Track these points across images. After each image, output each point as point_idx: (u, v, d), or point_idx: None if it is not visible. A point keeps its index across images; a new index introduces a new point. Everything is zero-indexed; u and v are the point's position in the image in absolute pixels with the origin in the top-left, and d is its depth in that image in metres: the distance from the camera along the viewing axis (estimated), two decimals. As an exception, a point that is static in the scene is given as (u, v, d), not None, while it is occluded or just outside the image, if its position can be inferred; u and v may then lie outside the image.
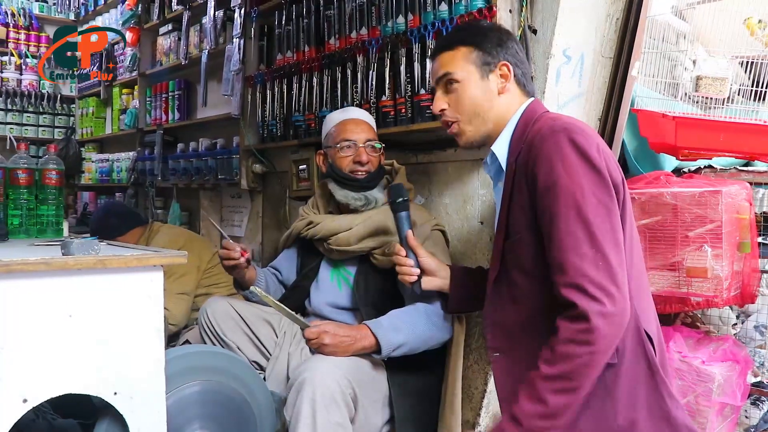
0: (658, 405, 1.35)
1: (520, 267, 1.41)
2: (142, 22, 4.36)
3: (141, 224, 3.03)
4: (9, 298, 1.32)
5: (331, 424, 1.66)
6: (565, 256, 1.27)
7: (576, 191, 1.29)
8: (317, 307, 2.10)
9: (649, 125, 2.05)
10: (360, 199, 2.03)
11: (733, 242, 2.07)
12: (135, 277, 1.46)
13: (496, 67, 1.51)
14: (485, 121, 1.51)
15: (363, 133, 2.09)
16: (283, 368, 1.99)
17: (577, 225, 1.27)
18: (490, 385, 2.10)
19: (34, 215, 2.27)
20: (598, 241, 1.27)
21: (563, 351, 1.25)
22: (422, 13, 2.22)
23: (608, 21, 2.11)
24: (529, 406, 1.27)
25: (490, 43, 1.51)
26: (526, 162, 1.38)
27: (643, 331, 1.37)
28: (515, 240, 1.41)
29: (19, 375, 1.32)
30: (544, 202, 1.33)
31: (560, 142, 1.32)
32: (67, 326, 1.37)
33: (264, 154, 3.16)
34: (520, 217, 1.39)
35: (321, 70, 2.67)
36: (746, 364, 2.24)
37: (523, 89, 1.53)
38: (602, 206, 1.29)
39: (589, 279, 1.25)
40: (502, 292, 1.46)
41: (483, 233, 2.15)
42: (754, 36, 1.95)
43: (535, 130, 1.41)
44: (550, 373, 1.26)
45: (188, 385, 1.70)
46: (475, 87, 1.51)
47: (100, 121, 5.23)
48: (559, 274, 1.29)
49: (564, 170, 1.30)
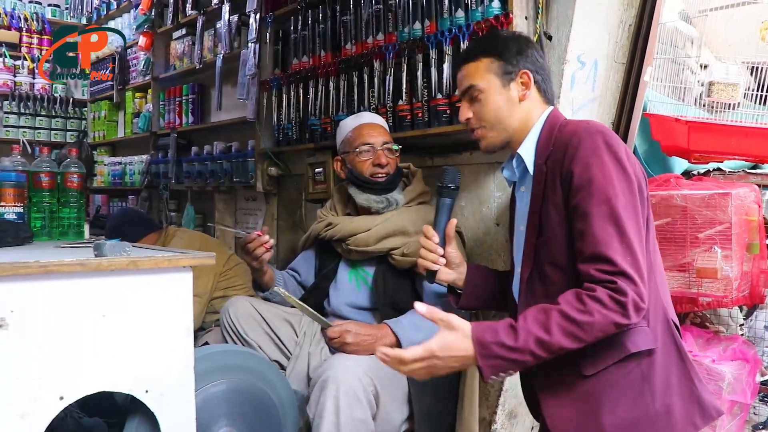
0: (689, 389, 1.41)
1: (553, 263, 1.45)
2: (155, 27, 4.41)
3: (156, 230, 3.08)
4: (46, 298, 1.35)
5: (354, 420, 1.71)
6: (599, 249, 1.32)
7: (609, 190, 1.35)
8: (336, 308, 2.14)
9: (661, 129, 2.09)
10: (381, 202, 2.08)
11: (742, 243, 2.11)
12: (165, 278, 1.50)
13: (516, 76, 1.55)
14: (507, 127, 1.56)
15: (380, 136, 2.14)
16: (303, 367, 2.04)
17: (610, 221, 1.33)
18: (506, 384, 2.14)
19: (56, 218, 2.31)
20: (628, 238, 1.32)
21: (591, 305, 1.29)
22: (439, 19, 2.27)
23: (621, 27, 2.16)
24: (535, 328, 1.30)
25: (510, 53, 1.56)
26: (561, 161, 1.43)
27: (671, 320, 1.44)
28: (549, 237, 1.45)
29: (56, 373, 1.36)
30: (577, 198, 1.38)
31: (596, 143, 1.38)
32: (100, 325, 1.41)
33: (279, 158, 3.21)
34: (554, 215, 1.44)
35: (337, 74, 2.72)
36: (755, 363, 2.27)
37: (543, 95, 1.58)
38: (630, 206, 1.36)
39: (622, 269, 1.30)
40: (536, 289, 1.50)
41: (499, 235, 2.20)
42: (765, 41, 2.00)
43: (569, 130, 1.46)
44: (569, 315, 1.29)
45: (215, 383, 1.74)
46: (498, 96, 1.55)
47: (113, 125, 5.28)
48: (592, 263, 1.33)
49: (599, 169, 1.36)
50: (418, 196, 2.18)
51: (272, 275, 2.17)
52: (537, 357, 1.31)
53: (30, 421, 1.33)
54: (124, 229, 2.97)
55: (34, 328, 1.33)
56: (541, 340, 1.29)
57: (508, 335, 1.31)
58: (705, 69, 2.32)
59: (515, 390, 2.18)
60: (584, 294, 1.31)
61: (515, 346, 1.30)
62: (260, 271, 2.11)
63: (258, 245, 2.01)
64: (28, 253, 1.59)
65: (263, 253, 2.02)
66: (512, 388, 2.17)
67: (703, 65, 2.30)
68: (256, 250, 2.02)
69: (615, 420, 1.38)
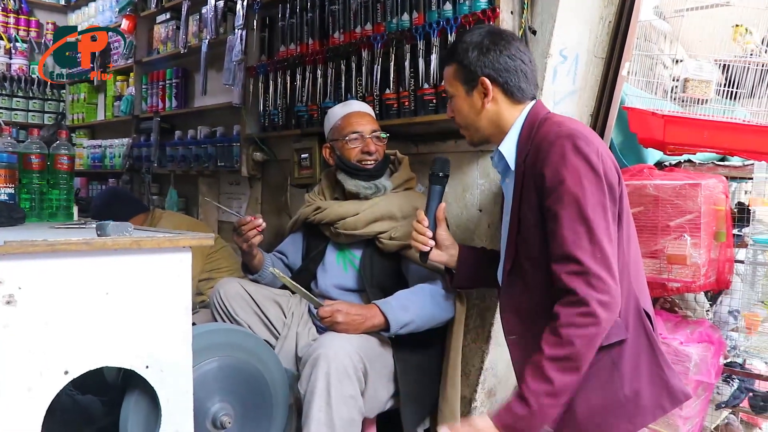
0: (658, 375, 1.51)
1: (530, 258, 1.54)
2: (138, 10, 4.39)
3: (144, 211, 3.10)
4: (52, 276, 1.39)
5: (344, 396, 1.79)
6: (568, 249, 1.40)
7: (578, 192, 1.42)
8: (324, 289, 2.21)
9: (638, 122, 2.18)
10: (370, 188, 2.15)
11: (710, 232, 2.21)
12: (166, 258, 1.54)
13: (477, 84, 1.61)
14: (477, 129, 1.66)
15: (368, 124, 2.20)
16: (291, 347, 2.11)
17: (579, 222, 1.41)
18: (486, 363, 2.24)
19: (45, 199, 2.32)
20: (597, 237, 1.40)
21: (566, 334, 1.38)
22: (427, 11, 2.33)
23: (601, 23, 2.24)
24: (536, 385, 1.38)
25: (470, 60, 1.60)
26: (534, 164, 1.50)
27: (642, 309, 1.53)
28: (525, 235, 1.54)
29: (61, 349, 1.40)
30: (549, 201, 1.46)
31: (565, 147, 1.45)
32: (104, 303, 1.45)
33: (265, 143, 3.26)
34: (529, 215, 1.52)
35: (325, 62, 2.76)
36: (720, 346, 2.39)
37: (511, 96, 1.61)
38: (600, 206, 1.43)
39: (589, 270, 1.39)
40: (515, 281, 1.59)
41: (481, 220, 2.28)
42: (735, 41, 2.10)
43: (542, 134, 1.52)
44: (555, 355, 1.38)
45: (209, 360, 1.78)
46: (463, 102, 1.65)
47: (92, 107, 5.24)
48: (563, 264, 1.42)
49: (567, 173, 1.43)
50: (404, 183, 2.26)
51: (261, 258, 2.23)
52: (555, 404, 1.40)
53: (36, 394, 1.37)
54: (113, 209, 2.98)
55: (40, 304, 1.37)
56: (549, 392, 1.38)
57: (522, 407, 1.39)
58: (678, 64, 2.42)
59: (495, 370, 2.28)
60: (557, 327, 1.39)
61: (532, 411, 1.38)
62: (250, 254, 2.17)
63: (251, 228, 2.07)
64: (25, 233, 1.61)
65: (255, 236, 2.08)
66: (491, 368, 2.27)
67: (675, 60, 2.40)
68: (248, 232, 2.07)
69: (587, 406, 1.48)
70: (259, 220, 2.07)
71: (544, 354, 1.39)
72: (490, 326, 2.23)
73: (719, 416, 2.71)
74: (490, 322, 2.23)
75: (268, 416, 1.88)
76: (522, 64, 1.61)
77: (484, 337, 2.24)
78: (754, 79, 2.11)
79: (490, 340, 2.23)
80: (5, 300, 1.33)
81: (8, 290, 1.33)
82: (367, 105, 2.35)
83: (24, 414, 1.36)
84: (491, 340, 2.23)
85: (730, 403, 2.54)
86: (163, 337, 1.54)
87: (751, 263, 2.47)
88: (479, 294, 2.24)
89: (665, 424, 2.30)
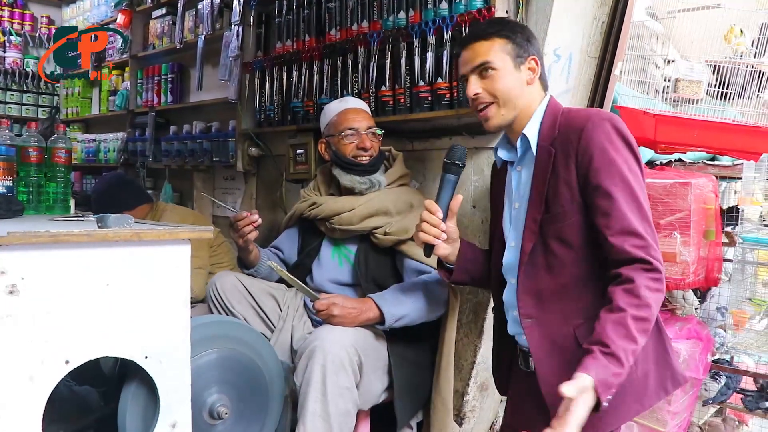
0: (663, 357, 1.56)
1: (560, 238, 1.56)
2: (134, 5, 4.40)
3: (149, 201, 3.09)
4: (54, 266, 1.41)
5: (340, 387, 1.82)
6: (631, 225, 1.45)
7: (627, 175, 1.48)
8: (319, 283, 2.23)
9: (630, 121, 2.21)
10: (365, 183, 2.18)
11: (700, 230, 2.25)
12: (166, 250, 1.55)
13: (526, 60, 1.64)
14: (515, 107, 1.63)
15: (364, 121, 2.23)
16: (287, 339, 2.13)
17: (631, 200, 1.47)
18: (478, 357, 2.28)
19: (42, 192, 2.34)
20: (648, 217, 1.48)
21: (645, 296, 1.40)
22: (423, 9, 2.36)
23: (595, 23, 2.28)
24: (625, 343, 1.38)
25: (522, 38, 1.64)
26: (576, 143, 1.53)
27: None
28: (557, 213, 1.55)
29: (62, 338, 1.42)
30: (598, 179, 1.49)
31: (609, 129, 1.50)
32: (104, 294, 1.47)
33: (260, 138, 3.28)
34: (565, 192, 1.54)
35: (321, 59, 2.79)
36: (708, 342, 2.43)
37: (543, 83, 1.69)
38: (642, 188, 1.51)
39: (651, 245, 1.45)
40: (537, 262, 1.59)
41: (475, 217, 2.31)
42: (728, 42, 2.14)
43: (582, 116, 1.56)
44: (638, 315, 1.39)
45: (206, 352, 1.80)
46: (510, 75, 1.62)
47: (86, 101, 5.24)
48: (626, 237, 1.45)
49: (616, 155, 1.49)
50: (399, 179, 2.29)
51: (257, 254, 2.25)
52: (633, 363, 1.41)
53: (38, 383, 1.39)
54: (120, 196, 2.94)
55: (42, 294, 1.39)
56: (634, 351, 1.39)
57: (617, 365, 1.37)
58: (670, 64, 2.46)
59: (486, 363, 2.31)
60: (634, 288, 1.41)
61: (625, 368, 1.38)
62: (246, 249, 2.18)
63: (246, 223, 2.08)
64: (25, 225, 1.62)
65: (250, 231, 2.10)
66: (484, 362, 2.30)
67: (667, 60, 2.44)
68: (244, 228, 2.09)
69: None
70: (254, 216, 2.08)
71: (629, 313, 1.39)
72: (483, 321, 2.26)
73: (707, 413, 2.76)
74: (483, 318, 2.26)
75: (264, 407, 1.90)
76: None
77: (476, 332, 2.28)
78: (744, 79, 2.15)
79: (482, 335, 2.26)
80: (8, 290, 1.34)
81: (11, 280, 1.35)
82: (362, 101, 2.38)
83: (26, 402, 1.38)
84: (484, 334, 2.26)
85: (717, 399, 2.59)
86: (162, 327, 1.56)
87: (739, 261, 2.52)
88: (472, 289, 2.27)
89: (654, 419, 2.34)
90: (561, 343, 1.54)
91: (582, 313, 1.53)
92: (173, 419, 1.58)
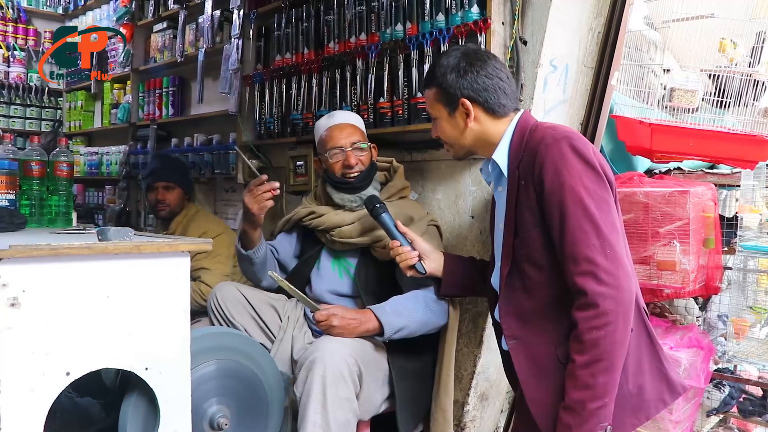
0: (658, 369, 1.55)
1: (530, 261, 1.56)
2: (135, 19, 4.44)
3: (190, 194, 3.22)
4: (55, 279, 1.42)
5: (340, 399, 1.82)
6: (577, 248, 1.44)
7: (581, 191, 1.45)
8: (319, 294, 2.24)
9: (626, 130, 2.23)
10: (355, 201, 2.19)
11: (699, 238, 2.24)
12: (165, 262, 1.56)
13: (458, 105, 1.65)
14: (462, 146, 1.71)
15: (348, 137, 2.20)
16: (287, 350, 2.13)
17: (585, 220, 1.44)
18: (478, 367, 2.28)
19: (45, 205, 2.35)
20: (603, 233, 1.44)
21: (588, 338, 1.41)
22: (420, 22, 2.38)
23: (591, 34, 2.29)
24: (578, 395, 1.41)
25: (449, 82, 1.65)
26: (532, 167, 1.53)
27: (642, 307, 1.57)
28: (525, 237, 1.56)
29: (63, 350, 1.42)
30: (552, 202, 1.48)
31: (563, 148, 1.49)
32: (105, 306, 1.48)
33: (260, 150, 3.30)
34: (529, 216, 1.55)
35: (320, 71, 2.81)
36: (709, 351, 2.42)
37: (493, 114, 1.65)
38: (603, 201, 1.47)
39: (599, 266, 1.42)
40: (515, 284, 1.61)
41: (474, 227, 2.32)
42: (724, 52, 2.15)
43: (537, 137, 1.55)
44: (584, 361, 1.41)
45: (206, 363, 1.81)
46: (446, 123, 1.70)
47: (89, 115, 5.28)
48: (572, 265, 1.45)
49: (568, 173, 1.47)
50: (398, 192, 2.29)
51: (260, 235, 2.21)
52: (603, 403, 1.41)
53: (39, 394, 1.39)
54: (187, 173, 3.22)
55: (43, 307, 1.40)
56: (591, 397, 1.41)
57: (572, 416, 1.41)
58: (667, 73, 2.47)
59: (486, 374, 2.32)
60: (579, 333, 1.42)
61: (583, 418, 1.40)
62: (255, 222, 2.13)
63: (266, 189, 2.05)
64: (27, 238, 1.64)
65: (269, 198, 2.06)
66: (483, 372, 2.30)
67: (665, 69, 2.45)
68: (263, 193, 2.05)
69: None
70: (276, 183, 2.06)
71: (576, 363, 1.42)
72: (482, 331, 2.27)
73: (710, 422, 2.74)
74: (482, 327, 2.27)
75: (264, 418, 1.90)
76: (500, 81, 1.65)
77: (476, 342, 2.28)
78: (739, 88, 2.16)
79: (482, 345, 2.27)
80: (9, 302, 1.35)
81: (12, 293, 1.36)
82: (351, 114, 2.34)
83: (27, 414, 1.38)
84: (483, 344, 2.26)
85: (720, 409, 2.58)
86: (162, 339, 1.57)
87: (740, 269, 2.51)
88: (471, 299, 2.28)
89: (656, 429, 2.33)
90: (546, 364, 1.54)
91: (562, 332, 1.51)
92: (173, 430, 1.58)
